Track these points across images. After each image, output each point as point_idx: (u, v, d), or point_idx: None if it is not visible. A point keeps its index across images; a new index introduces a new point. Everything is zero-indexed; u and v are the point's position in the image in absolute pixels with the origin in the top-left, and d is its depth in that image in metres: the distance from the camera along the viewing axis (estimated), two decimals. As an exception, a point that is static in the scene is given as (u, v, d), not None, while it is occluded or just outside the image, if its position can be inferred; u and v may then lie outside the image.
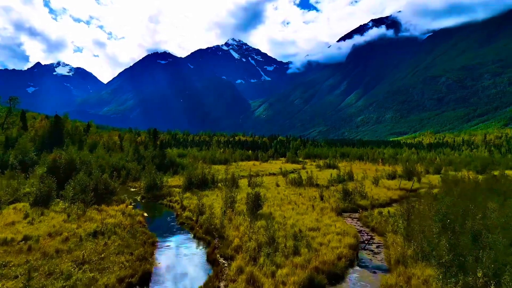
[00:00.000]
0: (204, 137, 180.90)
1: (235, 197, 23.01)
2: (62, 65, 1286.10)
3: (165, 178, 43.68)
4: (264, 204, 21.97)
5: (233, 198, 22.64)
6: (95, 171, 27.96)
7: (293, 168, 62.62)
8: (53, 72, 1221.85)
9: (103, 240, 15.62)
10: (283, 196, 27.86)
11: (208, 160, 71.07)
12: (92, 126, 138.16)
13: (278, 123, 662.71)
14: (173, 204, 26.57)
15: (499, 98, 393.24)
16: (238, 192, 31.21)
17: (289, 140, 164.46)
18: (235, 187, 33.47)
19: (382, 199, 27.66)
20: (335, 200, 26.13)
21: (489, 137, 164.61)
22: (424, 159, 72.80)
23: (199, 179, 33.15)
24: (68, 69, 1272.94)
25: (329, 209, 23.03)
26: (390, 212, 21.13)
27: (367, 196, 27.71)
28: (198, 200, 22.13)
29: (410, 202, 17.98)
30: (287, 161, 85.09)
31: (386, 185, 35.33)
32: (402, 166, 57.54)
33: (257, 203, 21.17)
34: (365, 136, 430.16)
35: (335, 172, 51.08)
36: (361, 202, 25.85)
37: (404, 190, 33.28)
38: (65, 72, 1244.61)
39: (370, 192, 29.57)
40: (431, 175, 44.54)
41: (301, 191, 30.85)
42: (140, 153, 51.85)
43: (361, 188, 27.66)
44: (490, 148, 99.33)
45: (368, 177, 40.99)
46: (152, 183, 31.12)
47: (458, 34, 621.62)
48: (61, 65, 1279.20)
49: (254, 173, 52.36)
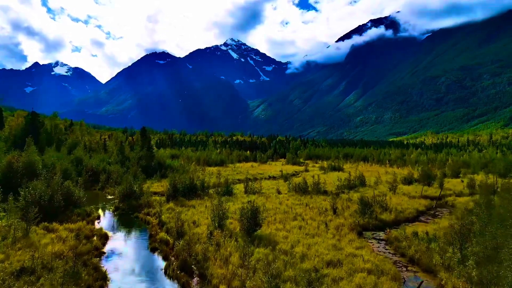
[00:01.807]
0: (201, 137, 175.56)
1: (227, 210, 18.01)
2: (60, 65, 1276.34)
3: (149, 182, 38.58)
4: (263, 220, 16.98)
5: (224, 213, 17.65)
6: (57, 177, 22.89)
7: (295, 171, 57.62)
8: (51, 72, 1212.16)
9: (25, 285, 10.52)
10: (286, 208, 22.81)
11: (203, 162, 65.96)
12: (83, 125, 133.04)
13: (277, 123, 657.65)
14: (150, 219, 21.44)
15: (499, 98, 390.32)
16: (233, 201, 26.23)
17: (288, 140, 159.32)
18: (229, 194, 28.44)
19: (408, 211, 22.62)
20: (351, 213, 21.10)
21: (495, 137, 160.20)
22: (434, 161, 67.84)
23: (186, 185, 28.02)
24: (66, 69, 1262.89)
25: (346, 226, 18.02)
26: (429, 233, 16.14)
27: (388, 207, 22.69)
28: (177, 219, 16.97)
29: (455, 219, 13.03)
30: (287, 162, 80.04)
31: (405, 192, 30.33)
32: (411, 168, 52.63)
33: (255, 221, 16.18)
34: (364, 136, 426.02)
35: (342, 175, 46.15)
36: (384, 216, 20.81)
37: (427, 199, 28.30)
38: (63, 72, 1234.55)
39: (390, 201, 24.51)
40: (449, 179, 39.63)
41: (308, 200, 25.84)
42: (125, 154, 46.64)
43: (382, 197, 22.61)
44: (502, 148, 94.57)
45: (382, 181, 36.01)
46: (129, 191, 25.94)
47: (457, 34, 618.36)
48: (59, 65, 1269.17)
49: (251, 177, 47.30)
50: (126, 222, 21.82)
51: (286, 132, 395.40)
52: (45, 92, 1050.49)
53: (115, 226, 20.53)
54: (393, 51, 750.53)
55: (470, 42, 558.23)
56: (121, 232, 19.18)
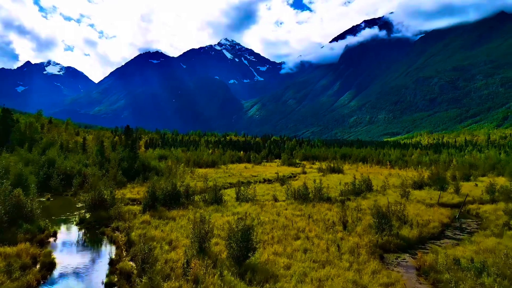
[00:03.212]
0: (194, 137, 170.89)
1: (210, 229, 14.09)
2: (53, 64, 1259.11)
3: (130, 187, 34.26)
4: (257, 243, 13.12)
5: (207, 233, 13.75)
6: (5, 183, 18.72)
7: (291, 173, 53.81)
8: (43, 71, 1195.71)
9: None
10: (286, 221, 18.94)
11: (192, 163, 61.79)
12: (69, 124, 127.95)
13: (271, 124, 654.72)
14: (118, 236, 17.37)
15: (492, 98, 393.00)
16: (222, 211, 22.31)
17: (283, 140, 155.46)
18: (217, 202, 24.46)
19: (432, 224, 18.86)
20: (365, 228, 17.31)
21: (493, 137, 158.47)
22: (436, 162, 64.63)
23: (167, 192, 23.95)
24: (58, 68, 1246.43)
25: (363, 248, 14.22)
26: (473, 259, 12.40)
27: (407, 219, 18.96)
28: (142, 243, 12.96)
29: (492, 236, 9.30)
30: (282, 163, 76.19)
31: (418, 198, 26.66)
32: (414, 170, 49.42)
33: (247, 245, 12.31)
34: (358, 136, 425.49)
35: (344, 178, 42.50)
36: (405, 232, 17.05)
37: (446, 207, 24.65)
38: (56, 71, 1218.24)
39: (407, 211, 20.76)
40: (461, 182, 36.13)
41: (310, 210, 22.00)
42: (105, 154, 42.36)
43: (398, 207, 18.84)
44: (505, 149, 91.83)
45: (389, 185, 32.34)
46: (98, 199, 21.81)
47: (450, 35, 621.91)
48: (51, 64, 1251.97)
49: (244, 180, 43.37)
50: (88, 240, 17.70)
51: (280, 133, 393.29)
52: (37, 91, 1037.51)
53: (72, 247, 16.42)
54: (386, 52, 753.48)
55: (463, 43, 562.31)
56: (76, 256, 15.07)
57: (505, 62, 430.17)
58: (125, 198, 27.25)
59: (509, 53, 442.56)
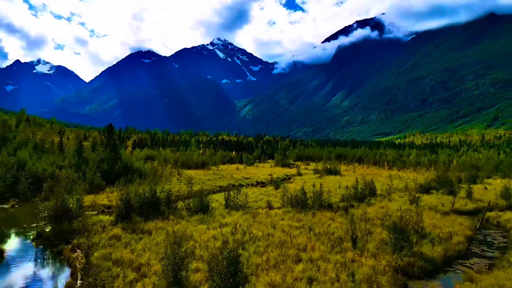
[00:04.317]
0: (185, 137, 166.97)
1: (191, 251, 11.02)
2: (43, 63, 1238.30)
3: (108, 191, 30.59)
4: (249, 266, 10.09)
5: (183, 258, 10.68)
6: None
7: (286, 174, 50.87)
8: (33, 70, 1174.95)
9: None
10: (283, 235, 15.92)
11: (181, 164, 58.40)
12: (54, 123, 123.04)
13: (263, 124, 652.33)
14: (77, 258, 14.10)
15: (482, 99, 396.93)
16: (208, 221, 19.20)
17: (276, 140, 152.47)
18: (203, 211, 21.29)
19: (455, 239, 15.99)
20: (378, 245, 14.40)
21: (487, 137, 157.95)
22: (435, 162, 62.32)
23: (145, 199, 20.73)
24: (48, 67, 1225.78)
25: (381, 274, 11.28)
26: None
27: (424, 232, 16.11)
28: (94, 278, 9.81)
29: None
30: (276, 164, 73.21)
31: (429, 204, 23.89)
32: (415, 172, 47.05)
33: (234, 278, 9.28)
34: (350, 137, 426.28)
35: (342, 180, 39.73)
36: (427, 250, 14.17)
37: (461, 214, 21.91)
38: (46, 70, 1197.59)
39: (423, 221, 17.87)
40: (467, 185, 33.59)
41: (310, 220, 19.03)
42: (83, 155, 38.83)
43: (414, 217, 15.97)
44: (505, 149, 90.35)
45: (393, 189, 29.57)
46: (61, 209, 18.48)
47: (441, 36, 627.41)
48: (41, 63, 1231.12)
49: (236, 183, 40.28)
50: (40, 263, 14.41)
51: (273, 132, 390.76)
52: (26, 90, 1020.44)
53: (17, 272, 13.14)
54: (378, 52, 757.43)
55: (453, 44, 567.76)
56: (18, 287, 11.79)
57: (495, 63, 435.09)
58: (99, 205, 23.99)
59: (499, 54, 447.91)
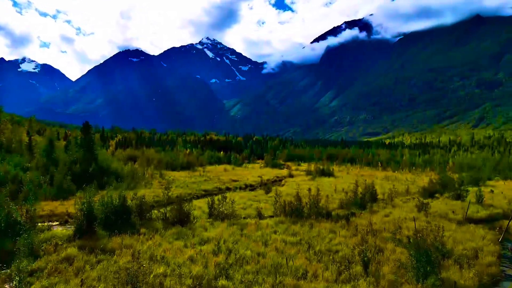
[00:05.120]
0: (172, 136, 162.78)
1: (157, 282, 7.96)
2: (28, 61, 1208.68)
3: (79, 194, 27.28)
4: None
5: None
6: None
7: (276, 176, 48.03)
8: (17, 68, 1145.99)
9: None
10: (276, 254, 12.91)
11: (165, 165, 54.90)
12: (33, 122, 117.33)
13: (253, 123, 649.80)
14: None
15: (468, 99, 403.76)
16: (186, 236, 16.05)
17: (266, 140, 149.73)
18: (182, 222, 18.11)
19: (487, 258, 13.25)
20: (394, 269, 11.57)
21: (477, 137, 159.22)
22: (430, 162, 60.70)
23: (112, 208, 17.46)
24: (33, 65, 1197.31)
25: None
26: None
27: (446, 249, 13.36)
28: None
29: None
30: (266, 164, 70.36)
31: (439, 212, 21.30)
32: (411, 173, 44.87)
33: None
34: (339, 137, 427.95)
35: (336, 183, 37.10)
36: (455, 275, 11.38)
37: (475, 223, 19.36)
38: (31, 69, 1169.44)
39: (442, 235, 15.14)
40: (470, 187, 31.38)
41: (307, 232, 16.11)
42: (53, 156, 35.13)
43: (436, 232, 13.21)
44: (498, 149, 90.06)
45: (395, 193, 27.02)
46: (5, 222, 15.07)
47: (427, 37, 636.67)
48: (26, 61, 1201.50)
49: (223, 185, 37.15)
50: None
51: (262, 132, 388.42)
52: (11, 89, 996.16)
53: None
54: (366, 53, 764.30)
55: (440, 45, 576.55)
56: None
57: (481, 64, 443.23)
58: (62, 214, 20.56)
59: (484, 56, 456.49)
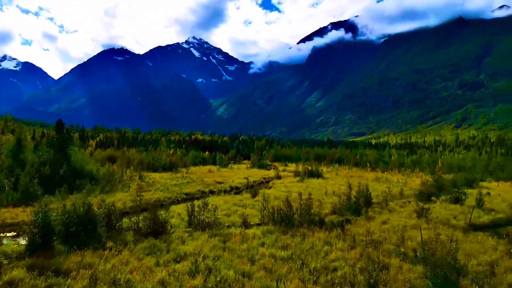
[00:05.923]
0: (156, 136, 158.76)
1: None
2: (9, 59, 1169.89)
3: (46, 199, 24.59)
4: None
5: None
6: None
7: (263, 177, 46.03)
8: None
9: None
10: (265, 275, 10.84)
11: (147, 166, 52.16)
12: (9, 120, 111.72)
13: (239, 123, 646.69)
14: None
15: (451, 101, 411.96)
16: (160, 251, 13.85)
17: (252, 140, 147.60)
18: (156, 234, 15.82)
19: (508, 278, 11.53)
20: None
21: (462, 137, 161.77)
22: (419, 163, 59.92)
23: (75, 218, 15.04)
24: (15, 63, 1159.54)
25: None
26: None
27: (459, 265, 11.58)
28: None
29: None
30: (252, 165, 68.27)
31: (440, 218, 19.69)
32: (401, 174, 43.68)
33: None
34: (325, 137, 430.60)
35: (326, 184, 35.40)
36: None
37: (478, 230, 17.83)
38: (12, 67, 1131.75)
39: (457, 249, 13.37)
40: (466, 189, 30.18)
41: (299, 244, 14.12)
42: (21, 157, 32.15)
43: (449, 245, 11.42)
44: (486, 149, 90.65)
45: (390, 196, 25.39)
46: None
47: (411, 39, 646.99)
48: (7, 59, 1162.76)
49: (206, 188, 34.87)
50: None
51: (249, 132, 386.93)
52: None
53: None
54: (352, 54, 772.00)
55: (423, 47, 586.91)
56: None
57: (463, 66, 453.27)
58: (22, 223, 17.99)
59: (466, 58, 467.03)
